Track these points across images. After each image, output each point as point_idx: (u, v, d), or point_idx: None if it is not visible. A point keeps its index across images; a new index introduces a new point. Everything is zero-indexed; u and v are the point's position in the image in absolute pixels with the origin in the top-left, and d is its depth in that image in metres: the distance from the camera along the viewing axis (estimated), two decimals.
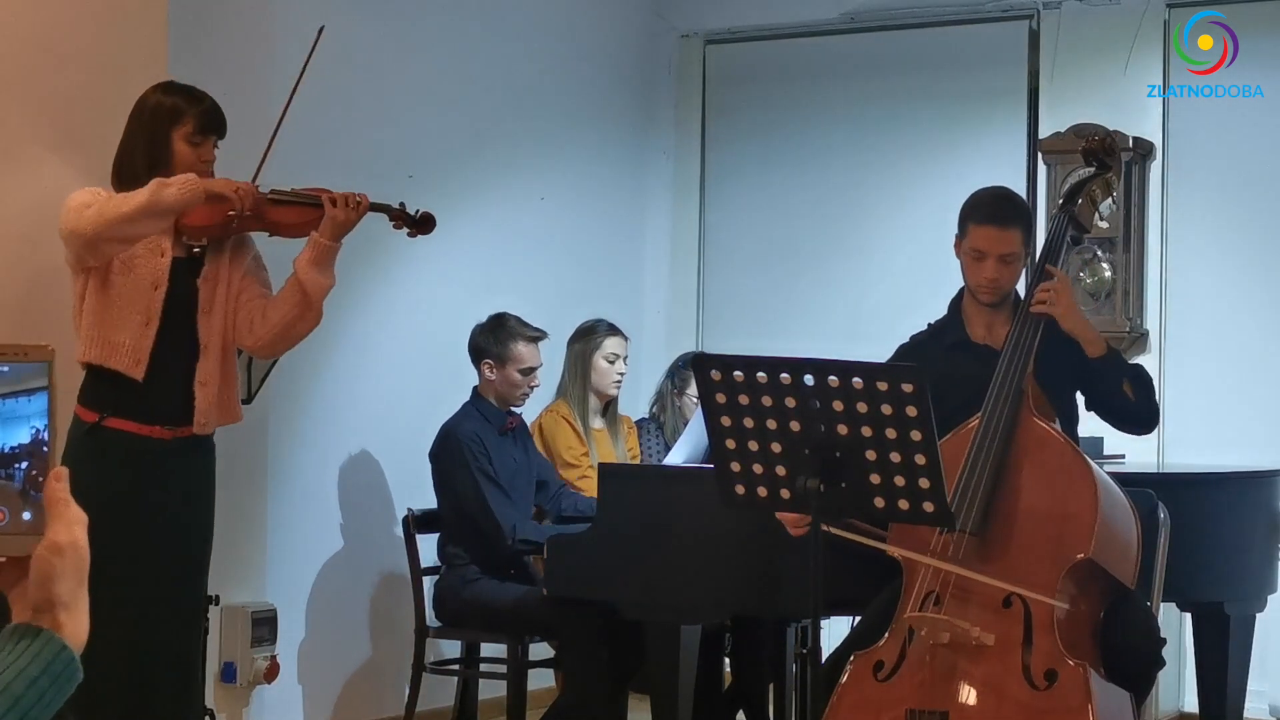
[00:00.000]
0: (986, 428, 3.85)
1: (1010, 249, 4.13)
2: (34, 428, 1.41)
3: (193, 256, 4.15)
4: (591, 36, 7.26)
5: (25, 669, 1.31)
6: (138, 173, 4.08)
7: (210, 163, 4.16)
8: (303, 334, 4.35)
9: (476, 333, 5.67)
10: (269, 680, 5.57)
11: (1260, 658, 5.18)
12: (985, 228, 4.13)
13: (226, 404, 4.22)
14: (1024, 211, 4.30)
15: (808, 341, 6.38)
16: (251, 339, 4.19)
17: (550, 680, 6.09)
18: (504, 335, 5.59)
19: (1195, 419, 6.39)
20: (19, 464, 1.41)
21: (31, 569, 1.36)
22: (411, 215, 4.33)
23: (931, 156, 6.98)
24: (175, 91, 4.16)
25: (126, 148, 4.15)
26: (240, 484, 5.53)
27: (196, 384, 4.11)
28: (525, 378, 5.60)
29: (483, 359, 5.61)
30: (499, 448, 5.54)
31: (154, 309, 4.07)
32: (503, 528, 5.39)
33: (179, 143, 4.09)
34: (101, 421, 4.02)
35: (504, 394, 5.60)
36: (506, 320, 5.64)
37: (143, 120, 4.12)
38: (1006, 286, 4.19)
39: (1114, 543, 3.83)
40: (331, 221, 4.13)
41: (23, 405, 1.41)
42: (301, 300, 4.14)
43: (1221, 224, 6.52)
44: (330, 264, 4.18)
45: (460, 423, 5.55)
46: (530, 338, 5.61)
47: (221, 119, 4.16)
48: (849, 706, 3.82)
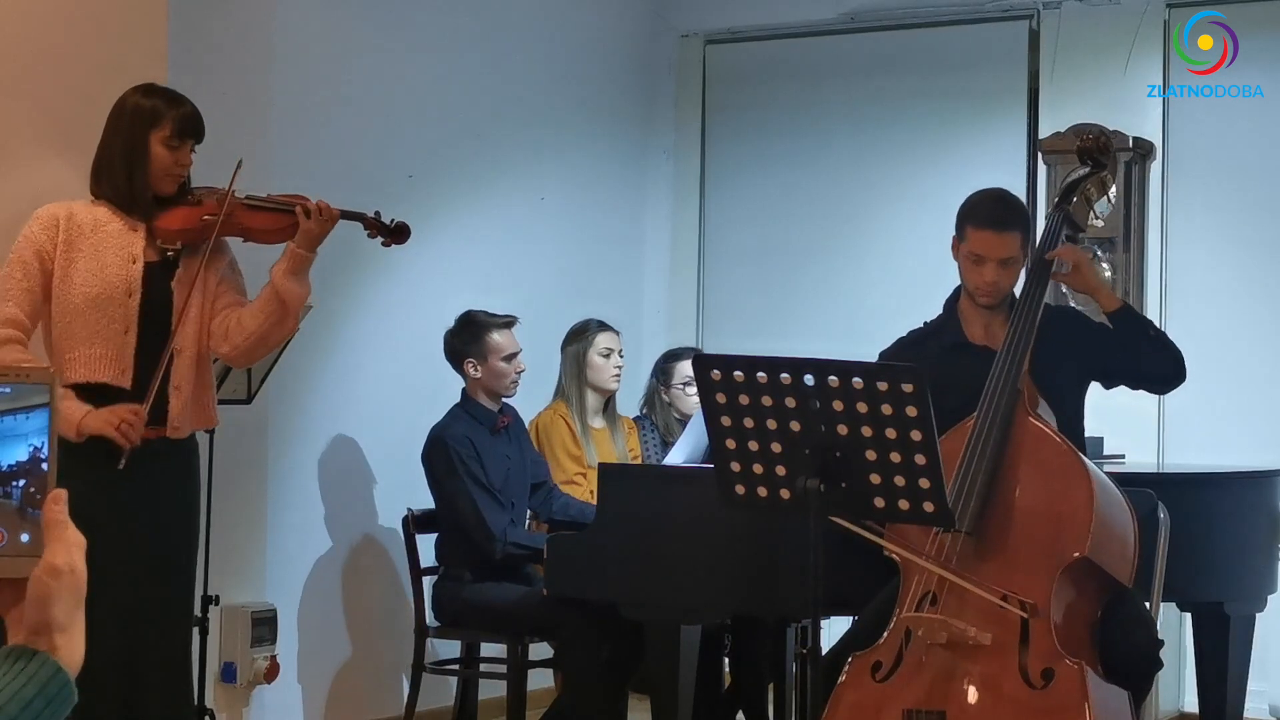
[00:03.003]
0: (982, 426, 3.85)
1: (1009, 253, 4.13)
2: (32, 445, 1.41)
3: (167, 260, 4.14)
4: (591, 36, 7.26)
5: (20, 691, 1.31)
6: (116, 176, 4.09)
7: (187, 167, 4.15)
8: (278, 343, 4.34)
9: (449, 337, 5.67)
10: (269, 680, 5.57)
11: (1260, 658, 5.17)
12: (984, 232, 4.13)
13: (201, 408, 4.21)
14: (1022, 214, 4.30)
15: (808, 341, 6.38)
16: (227, 346, 4.17)
17: (550, 680, 6.09)
18: (476, 330, 5.61)
19: (1195, 419, 6.39)
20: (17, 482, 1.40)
21: (29, 591, 1.35)
22: (386, 224, 4.30)
23: (931, 156, 6.98)
24: (155, 94, 4.14)
25: (105, 149, 4.14)
26: (240, 484, 5.54)
27: (170, 388, 4.09)
28: (510, 364, 5.60)
29: (464, 360, 5.61)
30: (491, 449, 5.54)
31: (131, 317, 4.05)
32: (492, 533, 5.39)
33: (156, 146, 4.07)
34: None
35: (493, 387, 5.60)
36: (474, 316, 5.66)
37: (121, 122, 4.11)
38: (1005, 289, 4.19)
39: (1111, 542, 3.83)
40: (305, 233, 4.13)
41: (21, 423, 1.40)
42: (278, 309, 4.13)
43: (1221, 224, 6.52)
44: (306, 273, 4.17)
45: (449, 426, 5.55)
46: (502, 324, 5.63)
47: (200, 123, 4.14)
48: (847, 707, 3.82)
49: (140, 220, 4.11)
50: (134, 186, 4.08)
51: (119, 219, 4.10)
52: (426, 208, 6.33)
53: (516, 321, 5.69)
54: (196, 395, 4.17)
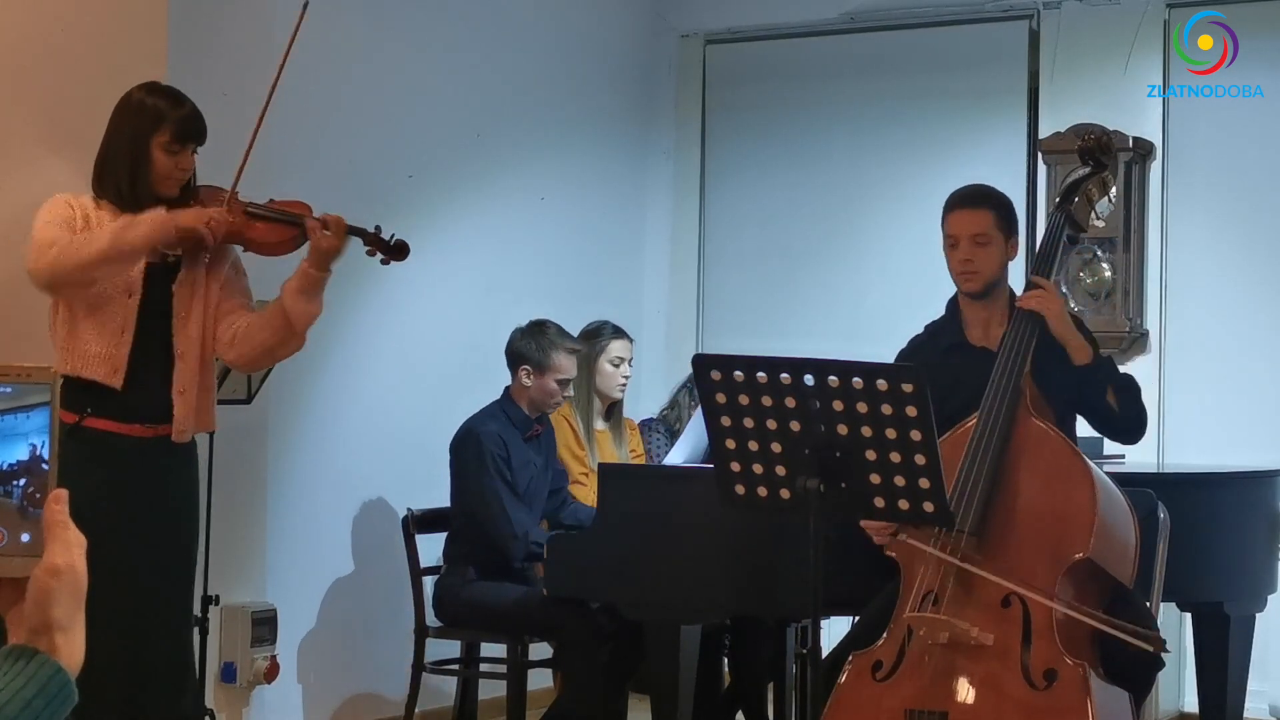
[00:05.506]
0: (984, 427, 3.85)
1: (980, 229, 4.15)
2: (32, 444, 1.41)
3: (168, 264, 4.12)
4: (591, 36, 7.26)
5: (20, 691, 1.31)
6: (119, 178, 4.06)
7: (188, 170, 4.12)
8: (284, 357, 4.32)
9: (516, 337, 5.60)
10: (269, 680, 5.57)
11: (1260, 658, 5.18)
12: (954, 212, 4.23)
13: (204, 412, 4.19)
14: (996, 197, 4.30)
15: (808, 341, 6.39)
16: (233, 354, 4.16)
17: (550, 680, 6.09)
18: (546, 344, 5.54)
19: (1195, 419, 6.39)
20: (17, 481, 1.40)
21: (29, 591, 1.35)
22: (386, 241, 4.25)
23: (931, 156, 6.97)
24: (158, 94, 4.11)
25: (109, 150, 4.11)
26: (240, 484, 5.53)
27: (174, 392, 4.07)
28: (561, 388, 5.58)
29: (521, 364, 5.56)
30: (520, 452, 5.51)
31: (129, 317, 4.04)
32: (515, 531, 5.38)
33: (157, 151, 4.05)
34: (81, 422, 4.00)
35: (538, 401, 5.57)
36: (548, 328, 5.59)
37: (125, 122, 4.08)
38: (985, 272, 4.18)
39: (1112, 542, 3.83)
40: (318, 251, 4.09)
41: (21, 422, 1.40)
42: (285, 326, 4.11)
43: (1221, 224, 6.51)
44: (319, 293, 4.14)
45: (485, 421, 5.52)
46: (570, 350, 5.58)
47: (201, 126, 4.11)
48: (847, 706, 3.82)
49: None
50: (136, 190, 4.06)
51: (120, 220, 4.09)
52: (426, 208, 6.33)
53: (580, 351, 5.65)
54: (200, 398, 4.16)
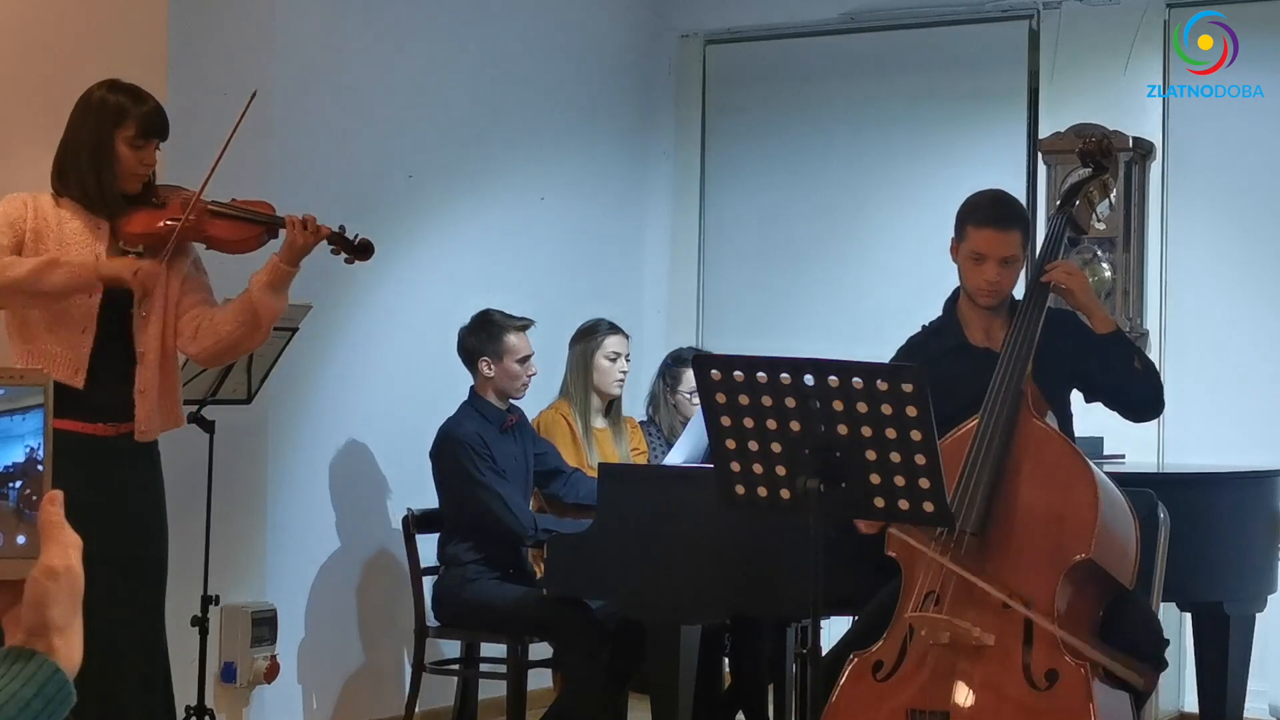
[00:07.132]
0: (986, 428, 3.85)
1: (1010, 251, 4.14)
2: (28, 446, 1.40)
3: None
4: (591, 36, 7.26)
5: (18, 692, 1.31)
6: (83, 174, 4.04)
7: (150, 166, 4.11)
8: (247, 350, 4.31)
9: (465, 334, 5.67)
10: (269, 680, 5.57)
11: (1260, 658, 5.18)
12: (985, 230, 4.13)
13: (168, 411, 4.17)
14: (1022, 214, 4.31)
15: (808, 341, 6.39)
16: (195, 347, 4.14)
17: (550, 680, 6.09)
18: (494, 330, 5.61)
19: (1195, 419, 6.38)
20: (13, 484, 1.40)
21: (26, 593, 1.35)
22: (350, 240, 4.24)
23: (931, 156, 6.98)
24: (120, 90, 4.08)
25: (71, 147, 4.08)
26: (240, 484, 5.53)
27: (136, 392, 4.06)
28: (523, 366, 5.61)
29: (479, 358, 5.61)
30: (500, 446, 5.54)
31: (90, 316, 4.02)
32: (523, 523, 5.40)
33: (121, 145, 4.03)
34: None
35: (504, 387, 5.61)
36: (492, 315, 5.65)
37: (88, 119, 4.05)
38: (1006, 289, 4.19)
39: (1114, 543, 3.83)
40: (293, 246, 4.09)
41: (17, 424, 1.40)
42: (251, 320, 4.10)
43: (1221, 224, 6.52)
44: (285, 288, 4.14)
45: (460, 423, 5.55)
46: (519, 327, 5.64)
47: (163, 121, 4.09)
48: (848, 706, 3.82)
49: (104, 219, 4.08)
50: (102, 185, 4.04)
51: (82, 217, 4.06)
52: (426, 208, 6.34)
53: (532, 324, 5.69)
54: (162, 397, 4.15)
